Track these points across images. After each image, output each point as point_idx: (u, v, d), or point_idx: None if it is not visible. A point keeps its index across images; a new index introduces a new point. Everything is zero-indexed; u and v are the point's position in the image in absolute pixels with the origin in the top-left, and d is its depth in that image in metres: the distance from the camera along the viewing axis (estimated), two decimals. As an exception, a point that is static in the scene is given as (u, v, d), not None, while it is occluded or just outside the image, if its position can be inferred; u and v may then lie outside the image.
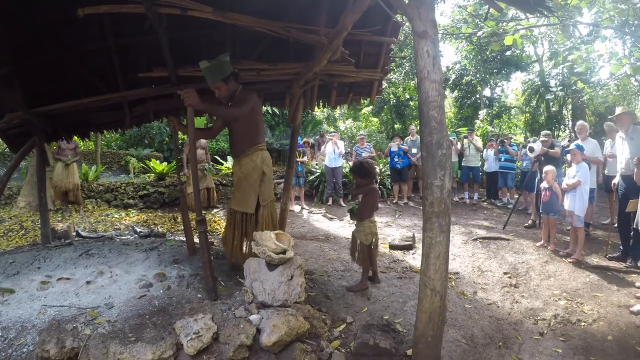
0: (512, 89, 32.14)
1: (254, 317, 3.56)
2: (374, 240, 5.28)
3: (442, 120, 3.13)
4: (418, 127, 6.15)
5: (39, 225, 9.16)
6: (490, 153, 12.11)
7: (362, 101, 7.24)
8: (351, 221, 9.71)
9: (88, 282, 4.38)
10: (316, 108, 7.08)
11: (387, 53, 6.22)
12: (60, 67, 5.74)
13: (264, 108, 7.16)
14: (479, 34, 10.50)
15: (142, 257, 5.11)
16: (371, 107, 23.81)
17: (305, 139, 13.71)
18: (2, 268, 5.12)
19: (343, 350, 3.79)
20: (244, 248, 4.91)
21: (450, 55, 46.69)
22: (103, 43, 5.57)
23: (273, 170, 5.58)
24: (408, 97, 23.04)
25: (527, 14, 10.16)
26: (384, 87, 10.01)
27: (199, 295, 4.07)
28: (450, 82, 23.24)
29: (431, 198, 3.10)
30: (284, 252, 3.83)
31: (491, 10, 7.77)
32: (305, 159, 12.51)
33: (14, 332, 3.52)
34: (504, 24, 10.40)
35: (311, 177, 13.09)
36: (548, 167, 7.37)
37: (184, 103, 6.27)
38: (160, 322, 3.54)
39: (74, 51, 5.63)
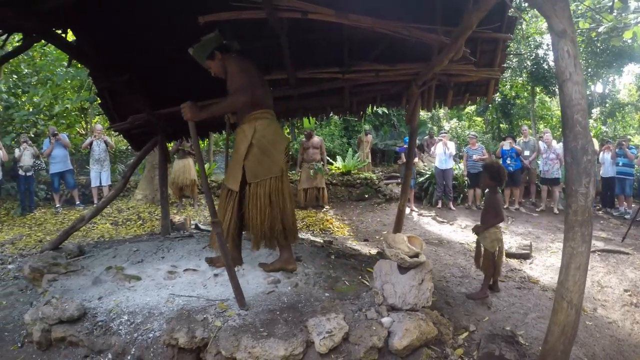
0: (625, 84, 29.80)
1: (385, 320, 3.53)
2: (499, 247, 5.10)
3: (586, 124, 2.95)
4: (531, 127, 5.88)
5: (156, 216, 9.77)
6: (607, 157, 11.28)
7: (478, 100, 7.06)
8: (463, 226, 9.50)
9: (215, 275, 4.53)
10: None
11: (503, 50, 5.96)
12: (181, 71, 6.01)
13: (374, 109, 7.12)
14: (600, 29, 9.82)
15: (264, 253, 5.17)
16: (474, 106, 23.10)
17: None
18: (126, 255, 5.41)
19: (466, 359, 3.71)
20: (231, 227, 4.34)
21: (556, 48, 43.37)
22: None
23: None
24: (514, 95, 22.12)
25: None
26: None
27: (327, 294, 4.08)
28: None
29: (575, 206, 2.93)
30: (416, 255, 3.79)
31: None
32: (416, 159, 12.32)
33: (141, 318, 3.66)
34: (624, 16, 9.66)
35: (420, 179, 12.79)
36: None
37: (298, 104, 6.45)
38: (291, 319, 3.56)
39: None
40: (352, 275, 4.75)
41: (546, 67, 19.66)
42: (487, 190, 6.11)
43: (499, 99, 21.88)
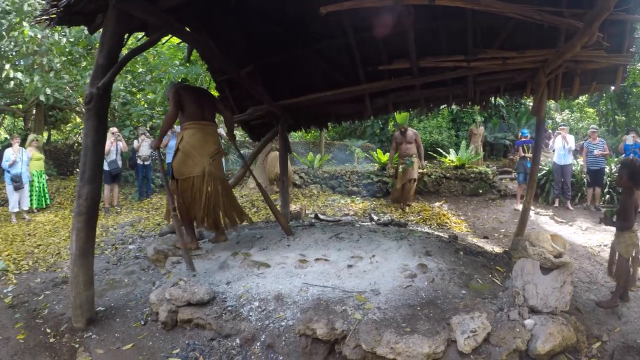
0: None
1: (528, 322, 3.42)
2: (635, 252, 4.68)
3: None
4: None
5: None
6: None
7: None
8: (584, 228, 8.89)
9: (349, 266, 4.51)
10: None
11: (631, 33, 5.49)
12: (300, 62, 6.12)
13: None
14: None
15: (394, 246, 5.16)
16: (586, 96, 21.56)
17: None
18: (249, 242, 5.55)
19: (600, 371, 3.51)
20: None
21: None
22: (343, 38, 5.79)
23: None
24: (632, 83, 20.30)
25: None
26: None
27: (463, 292, 3.98)
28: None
29: None
30: (560, 255, 3.60)
31: None
32: (529, 154, 11.57)
33: (273, 305, 3.72)
34: None
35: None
36: None
37: (420, 94, 6.33)
38: (433, 315, 3.49)
39: (314, 47, 5.93)
40: (483, 273, 4.60)
41: (668, 50, 18.00)
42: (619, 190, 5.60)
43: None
